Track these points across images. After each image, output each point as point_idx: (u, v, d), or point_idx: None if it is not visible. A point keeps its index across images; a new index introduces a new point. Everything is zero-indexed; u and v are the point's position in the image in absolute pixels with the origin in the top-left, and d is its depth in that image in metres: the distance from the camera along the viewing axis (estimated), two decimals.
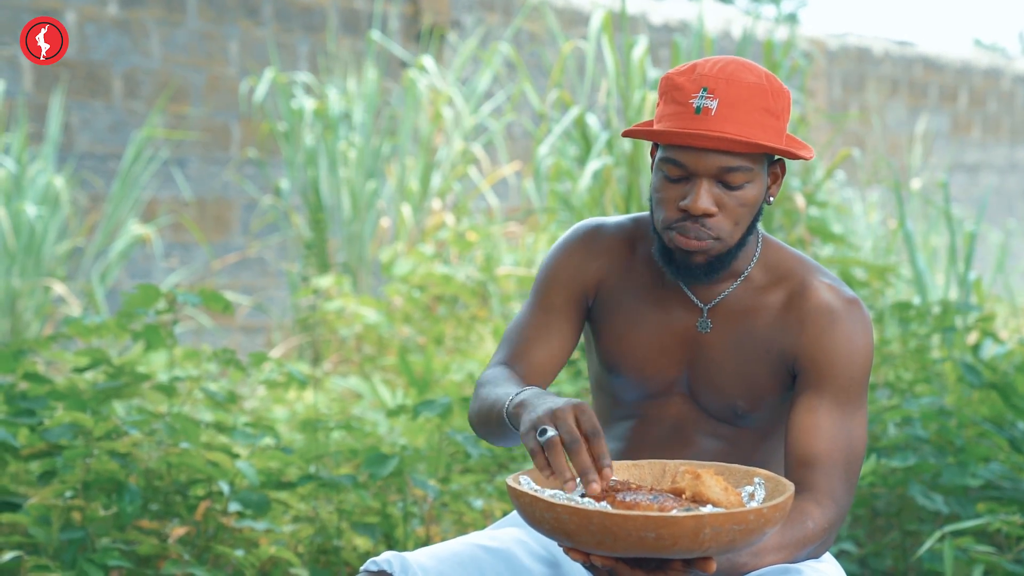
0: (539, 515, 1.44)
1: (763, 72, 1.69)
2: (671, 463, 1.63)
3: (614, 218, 1.84)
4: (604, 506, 1.46)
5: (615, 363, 1.78)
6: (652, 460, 1.64)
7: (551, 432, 1.48)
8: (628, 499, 1.48)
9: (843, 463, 1.68)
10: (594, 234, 1.82)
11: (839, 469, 1.67)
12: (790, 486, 1.51)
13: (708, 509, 1.45)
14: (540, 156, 4.62)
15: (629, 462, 1.63)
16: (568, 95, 4.70)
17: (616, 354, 1.78)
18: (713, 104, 1.65)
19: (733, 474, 1.59)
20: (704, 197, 1.67)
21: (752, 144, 1.64)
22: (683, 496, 1.49)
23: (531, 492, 1.45)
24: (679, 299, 1.77)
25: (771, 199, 1.73)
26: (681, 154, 1.67)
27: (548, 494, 1.49)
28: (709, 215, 1.68)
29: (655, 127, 1.69)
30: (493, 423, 1.69)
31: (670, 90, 1.69)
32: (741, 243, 1.72)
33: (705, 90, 1.66)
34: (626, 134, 1.71)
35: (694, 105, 1.66)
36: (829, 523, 1.65)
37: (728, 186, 1.68)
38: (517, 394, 1.61)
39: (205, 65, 5.84)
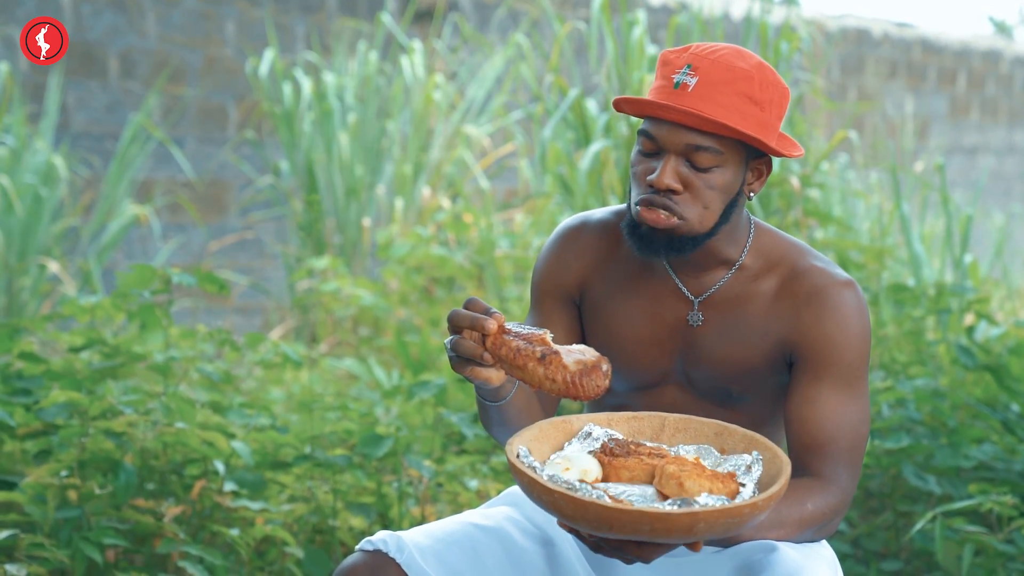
0: (537, 496, 1.47)
1: (758, 62, 1.67)
2: (671, 417, 1.64)
3: (598, 212, 1.83)
4: (601, 496, 1.47)
5: (608, 356, 1.78)
6: (651, 413, 1.65)
7: (446, 342, 1.57)
8: (620, 494, 1.50)
9: (847, 449, 1.67)
10: (576, 233, 1.82)
11: (842, 455, 1.67)
12: (787, 467, 1.51)
13: (703, 500, 1.46)
14: (542, 140, 4.61)
15: (629, 414, 1.65)
16: (563, 79, 4.69)
17: (607, 348, 1.77)
18: (692, 80, 1.64)
19: (732, 436, 1.60)
20: (669, 173, 1.65)
21: (720, 125, 1.63)
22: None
23: (529, 472, 1.48)
24: (669, 290, 1.76)
25: (752, 195, 1.70)
26: (653, 127, 1.67)
27: (546, 476, 1.50)
28: (673, 191, 1.65)
29: None
30: (482, 414, 1.73)
31: (660, 66, 1.69)
32: (711, 233, 1.69)
33: (689, 67, 1.65)
34: (615, 104, 1.70)
35: (675, 80, 1.65)
36: (830, 508, 1.65)
37: (696, 167, 1.66)
38: None
39: (202, 45, 5.82)
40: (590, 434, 1.61)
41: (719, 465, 1.58)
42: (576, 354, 1.52)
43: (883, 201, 5.98)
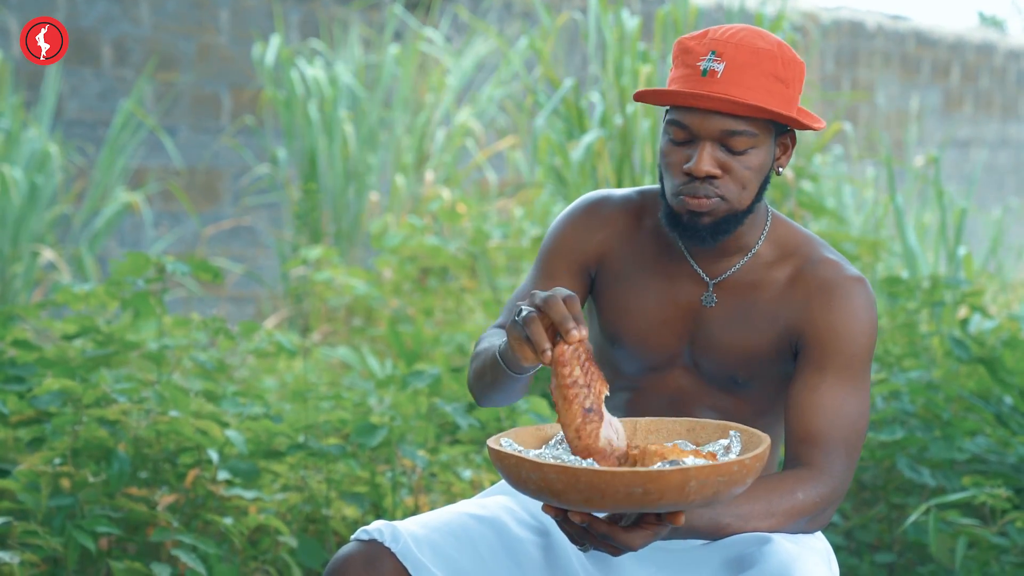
0: (525, 476, 1.44)
1: (776, 40, 1.69)
2: (642, 420, 1.64)
3: (621, 190, 1.85)
4: (591, 463, 1.47)
5: (617, 334, 1.79)
6: (623, 418, 1.66)
7: (526, 309, 1.49)
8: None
9: (843, 440, 1.68)
10: (598, 206, 1.83)
11: (838, 446, 1.68)
12: (766, 438, 1.53)
13: (691, 461, 1.46)
14: (535, 130, 4.61)
15: None
16: (553, 71, 4.69)
17: (618, 325, 1.79)
18: (720, 67, 1.66)
19: (705, 429, 1.61)
20: (707, 159, 1.67)
21: (755, 108, 1.65)
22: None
23: (515, 453, 1.46)
24: (685, 272, 1.78)
25: (780, 169, 1.73)
26: (685, 116, 1.68)
27: (533, 454, 1.50)
28: (713, 177, 1.68)
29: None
30: (488, 373, 1.70)
31: (680, 54, 1.70)
32: (749, 210, 1.72)
33: (713, 53, 1.67)
34: (637, 96, 1.71)
35: (701, 67, 1.66)
36: (821, 497, 1.65)
37: (731, 151, 1.68)
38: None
39: (195, 33, 5.80)
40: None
41: None
42: (612, 433, 1.49)
43: (878, 194, 5.99)
